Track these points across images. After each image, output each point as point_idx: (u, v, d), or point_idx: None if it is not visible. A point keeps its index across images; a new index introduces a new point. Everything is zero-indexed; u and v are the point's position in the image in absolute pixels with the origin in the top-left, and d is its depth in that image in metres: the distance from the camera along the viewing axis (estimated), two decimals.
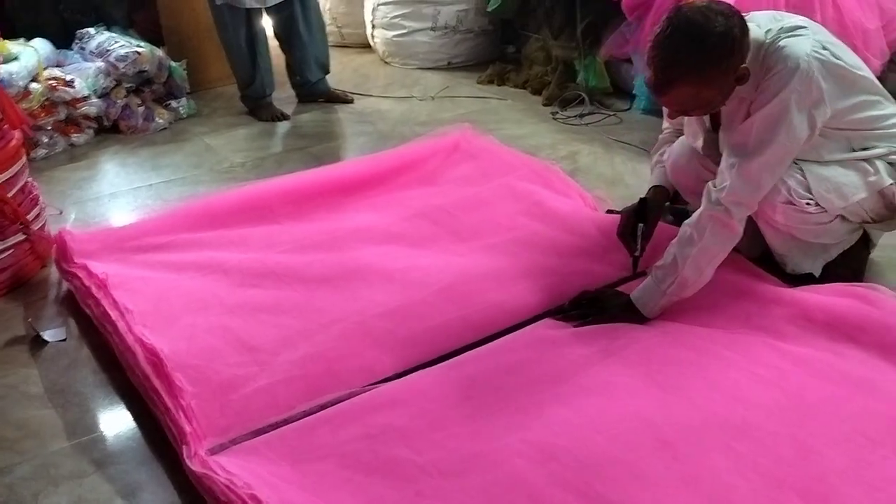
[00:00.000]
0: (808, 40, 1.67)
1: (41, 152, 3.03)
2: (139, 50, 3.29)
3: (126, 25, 3.70)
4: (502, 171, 2.51)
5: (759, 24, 1.69)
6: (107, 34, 3.44)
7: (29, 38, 3.23)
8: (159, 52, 3.39)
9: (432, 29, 3.99)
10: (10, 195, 2.09)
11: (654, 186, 2.04)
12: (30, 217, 2.17)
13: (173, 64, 3.45)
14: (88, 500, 1.45)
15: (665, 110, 1.98)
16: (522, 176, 2.46)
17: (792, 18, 1.75)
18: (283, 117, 3.39)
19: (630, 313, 1.76)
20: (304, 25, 3.36)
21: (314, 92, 3.56)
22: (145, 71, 3.32)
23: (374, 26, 4.14)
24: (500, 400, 1.54)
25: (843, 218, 1.84)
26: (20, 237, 2.14)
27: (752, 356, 1.62)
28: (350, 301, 1.89)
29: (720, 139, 1.81)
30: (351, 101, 3.56)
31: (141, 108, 3.33)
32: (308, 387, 1.62)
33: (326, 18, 3.97)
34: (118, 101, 3.28)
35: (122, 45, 3.31)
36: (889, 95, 1.86)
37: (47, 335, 1.93)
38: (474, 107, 3.47)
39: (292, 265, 2.04)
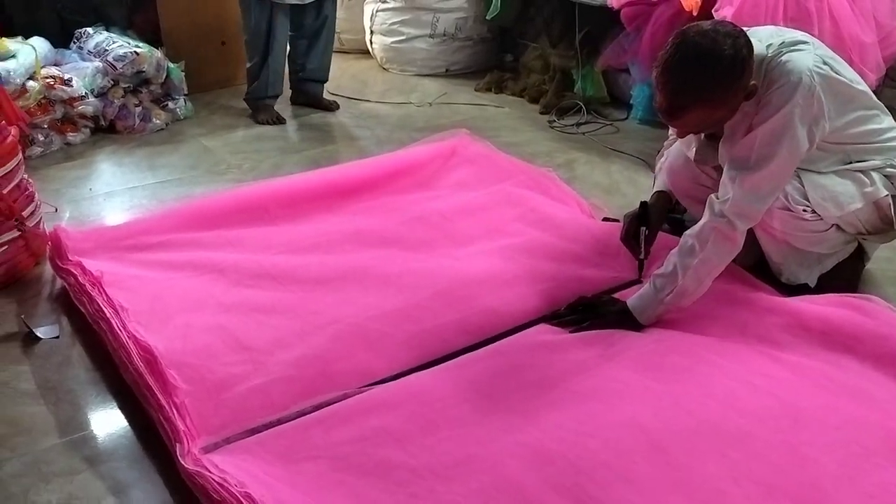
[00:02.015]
0: (810, 55, 1.68)
1: (37, 150, 3.02)
2: (137, 50, 3.29)
3: (125, 26, 3.70)
4: (499, 176, 2.52)
5: (761, 38, 1.70)
6: (105, 34, 3.44)
7: (27, 36, 3.23)
8: (158, 53, 3.39)
9: (431, 36, 4.00)
10: (5, 191, 2.09)
11: (657, 192, 2.04)
12: (25, 214, 2.16)
13: (171, 65, 3.45)
14: (79, 498, 1.44)
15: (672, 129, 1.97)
16: (519, 182, 2.46)
17: (793, 34, 1.77)
18: (280, 121, 3.41)
19: (626, 320, 1.76)
20: (320, 22, 3.39)
21: (305, 90, 3.57)
22: (143, 71, 3.32)
23: (372, 32, 4.16)
24: (495, 403, 1.54)
25: (838, 228, 1.85)
26: (15, 234, 2.12)
27: (746, 364, 1.63)
28: (345, 303, 1.89)
29: (720, 152, 1.82)
30: (335, 109, 3.57)
31: (138, 109, 3.32)
32: (302, 387, 1.61)
33: None
34: (115, 100, 3.28)
35: (120, 45, 3.31)
36: (885, 109, 1.87)
37: (40, 332, 1.92)
38: (472, 114, 3.48)
39: (288, 266, 2.03)
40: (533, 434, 1.45)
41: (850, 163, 1.83)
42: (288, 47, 3.46)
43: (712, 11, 2.65)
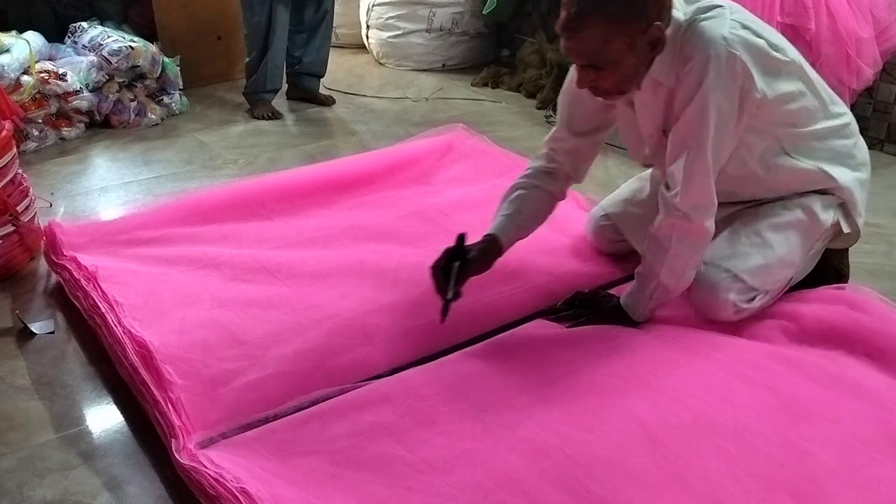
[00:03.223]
0: (725, 21, 1.56)
1: (31, 145, 3.01)
2: (132, 45, 3.28)
3: (120, 20, 3.69)
4: (496, 171, 2.51)
5: (676, 6, 1.59)
6: (100, 28, 3.43)
7: (21, 30, 3.22)
8: (153, 48, 3.38)
9: (427, 31, 3.99)
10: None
11: (493, 235, 1.79)
12: (19, 209, 2.15)
13: (167, 60, 3.44)
14: (74, 493, 1.43)
15: (569, 94, 1.79)
16: (516, 176, 2.45)
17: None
18: (276, 116, 3.40)
19: (622, 317, 1.75)
20: (314, 18, 3.38)
21: (301, 85, 3.56)
22: (138, 66, 3.31)
23: (369, 27, 4.15)
24: (492, 398, 1.53)
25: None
26: (9, 229, 2.11)
27: (743, 358, 1.62)
28: (342, 298, 1.88)
29: (646, 133, 1.74)
30: (332, 104, 3.56)
31: (133, 104, 3.31)
32: (298, 382, 1.60)
33: None
34: (110, 95, 3.27)
35: (115, 39, 3.30)
36: (816, 84, 1.73)
37: (35, 327, 1.91)
38: (468, 109, 3.47)
39: (285, 261, 2.03)
40: (530, 428, 1.44)
41: (786, 153, 1.72)
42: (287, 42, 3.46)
43: None
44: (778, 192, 1.78)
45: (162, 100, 3.42)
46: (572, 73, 1.69)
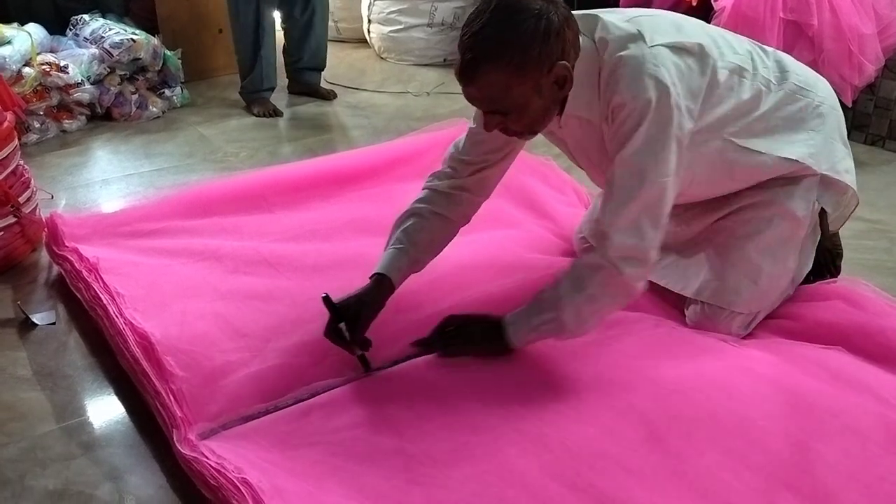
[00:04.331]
0: (645, 52, 1.44)
1: (33, 137, 3.02)
2: (134, 37, 3.28)
3: (121, 13, 3.69)
4: None
5: (585, 31, 1.47)
6: (101, 21, 3.43)
7: (23, 22, 3.22)
8: (154, 41, 3.38)
9: (429, 25, 3.99)
10: (1, 177, 2.08)
11: (379, 275, 1.63)
12: (21, 200, 2.15)
13: (168, 53, 3.44)
14: (76, 483, 1.43)
15: (473, 133, 1.66)
16: (517, 170, 2.45)
17: (625, 23, 1.49)
18: (277, 114, 3.39)
19: (494, 339, 1.56)
20: (307, 13, 3.38)
21: (302, 80, 3.56)
22: (140, 59, 3.30)
23: (370, 21, 4.14)
24: (493, 392, 1.53)
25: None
26: (11, 220, 2.12)
27: (744, 353, 1.63)
28: (343, 291, 1.88)
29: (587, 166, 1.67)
30: (333, 98, 3.55)
31: (134, 96, 3.31)
32: (299, 374, 1.61)
33: None
34: (112, 88, 3.27)
35: (116, 32, 3.30)
36: (752, 66, 1.60)
37: (37, 318, 1.91)
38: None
39: (286, 254, 2.03)
40: (531, 422, 1.44)
41: (741, 148, 1.60)
42: (284, 40, 3.46)
43: (712, 1, 2.65)
44: (748, 183, 1.68)
45: (163, 93, 3.42)
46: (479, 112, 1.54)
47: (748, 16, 2.53)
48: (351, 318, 1.57)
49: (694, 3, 2.70)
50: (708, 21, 2.58)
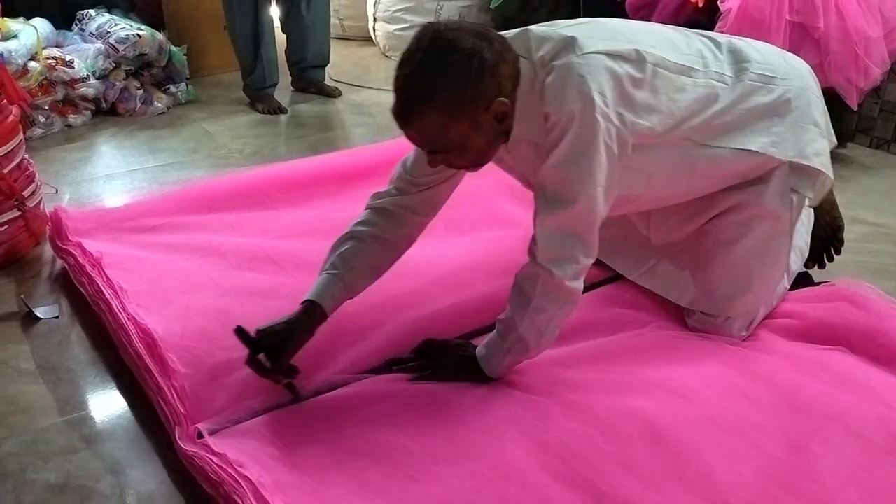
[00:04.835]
0: (572, 65, 1.39)
1: (37, 132, 3.02)
2: (140, 33, 3.28)
3: (127, 8, 3.70)
4: None
5: (523, 52, 1.44)
6: (107, 16, 3.44)
7: (29, 17, 3.22)
8: (160, 36, 3.39)
9: None
10: (6, 171, 2.08)
11: (310, 303, 1.55)
12: (25, 194, 2.16)
13: (174, 48, 3.44)
14: (77, 476, 1.44)
15: (412, 160, 1.63)
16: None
17: (556, 33, 1.45)
18: (281, 111, 3.39)
19: (472, 369, 1.55)
20: (309, 12, 3.38)
21: (306, 77, 3.56)
22: (145, 54, 3.31)
23: (375, 19, 4.15)
24: (493, 391, 1.53)
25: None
26: (15, 213, 2.12)
27: (744, 353, 1.62)
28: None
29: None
30: (338, 96, 3.55)
31: (139, 92, 3.32)
32: (301, 373, 1.61)
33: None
34: (117, 83, 3.27)
35: (122, 27, 3.31)
36: (704, 62, 1.55)
37: (40, 312, 1.92)
38: None
39: (288, 251, 2.03)
40: (532, 422, 1.44)
41: (705, 146, 1.54)
42: (285, 41, 3.46)
43: (718, 3, 2.64)
44: (714, 180, 1.62)
45: (168, 88, 3.42)
46: None
47: (754, 17, 2.52)
48: (275, 346, 1.49)
49: (700, 5, 2.69)
50: (714, 23, 2.58)
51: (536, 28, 1.48)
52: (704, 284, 1.70)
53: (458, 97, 1.33)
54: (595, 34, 1.46)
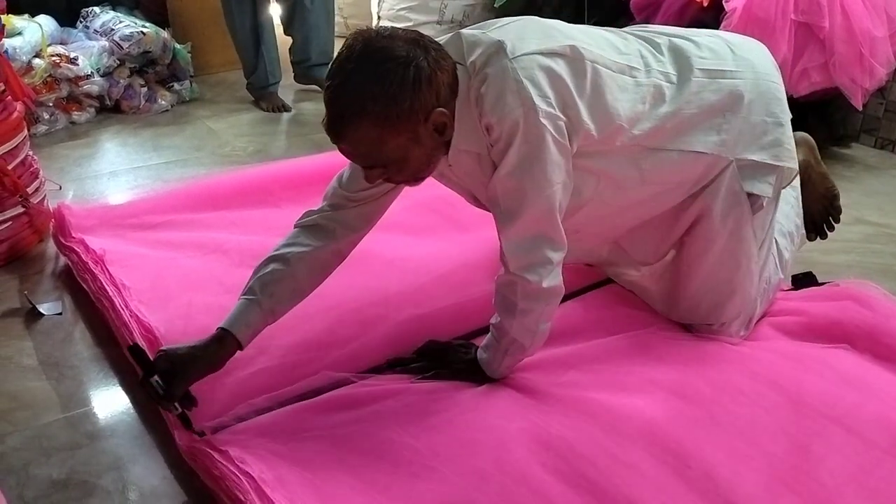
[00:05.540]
0: (507, 70, 1.33)
1: (42, 129, 3.03)
2: (144, 30, 3.29)
3: (132, 6, 3.70)
4: None
5: (457, 58, 1.38)
6: (112, 13, 3.44)
7: (33, 14, 3.22)
8: (164, 34, 3.39)
9: (438, 23, 3.98)
10: (10, 167, 2.08)
11: (223, 331, 1.45)
12: (29, 190, 2.16)
13: (178, 46, 3.45)
14: (80, 472, 1.44)
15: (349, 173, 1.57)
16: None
17: (486, 35, 1.39)
18: (285, 109, 3.39)
19: (476, 372, 1.55)
20: (311, 9, 3.37)
21: (311, 75, 3.56)
22: (149, 52, 3.31)
23: (380, 18, 4.14)
24: (495, 390, 1.53)
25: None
26: (19, 210, 2.13)
27: (745, 353, 1.62)
28: (348, 287, 1.87)
29: None
30: None
31: (144, 89, 3.32)
32: (303, 371, 1.60)
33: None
34: (121, 80, 3.28)
35: (126, 24, 3.31)
36: (644, 62, 1.50)
37: (43, 308, 1.92)
38: None
39: None
40: (534, 420, 1.44)
41: (654, 149, 1.48)
42: (291, 41, 3.46)
43: (723, 2, 2.64)
44: (665, 184, 1.55)
45: (172, 86, 3.42)
46: None
47: (759, 17, 2.51)
48: (172, 370, 1.38)
49: (705, 5, 2.69)
50: (719, 22, 2.58)
51: (467, 31, 1.42)
52: (688, 301, 1.69)
53: (393, 109, 1.26)
54: (527, 34, 1.40)
